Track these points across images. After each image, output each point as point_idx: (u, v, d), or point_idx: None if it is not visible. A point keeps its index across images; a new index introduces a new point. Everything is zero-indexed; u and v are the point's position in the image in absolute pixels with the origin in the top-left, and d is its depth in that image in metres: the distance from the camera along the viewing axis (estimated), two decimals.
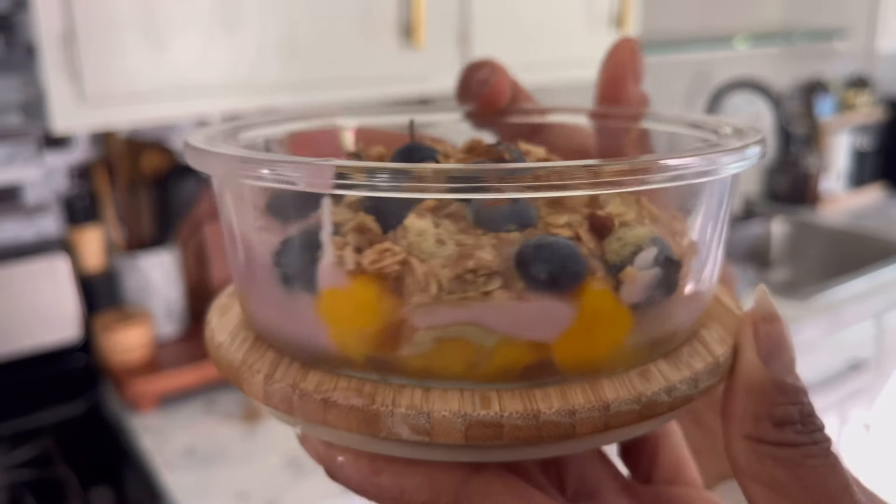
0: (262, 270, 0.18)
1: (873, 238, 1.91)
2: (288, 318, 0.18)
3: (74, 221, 1.19)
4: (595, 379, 0.17)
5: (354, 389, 0.17)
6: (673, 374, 0.18)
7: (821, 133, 2.18)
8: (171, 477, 0.97)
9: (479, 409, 0.16)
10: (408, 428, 0.16)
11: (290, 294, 0.17)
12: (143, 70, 0.94)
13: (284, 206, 0.18)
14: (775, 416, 0.18)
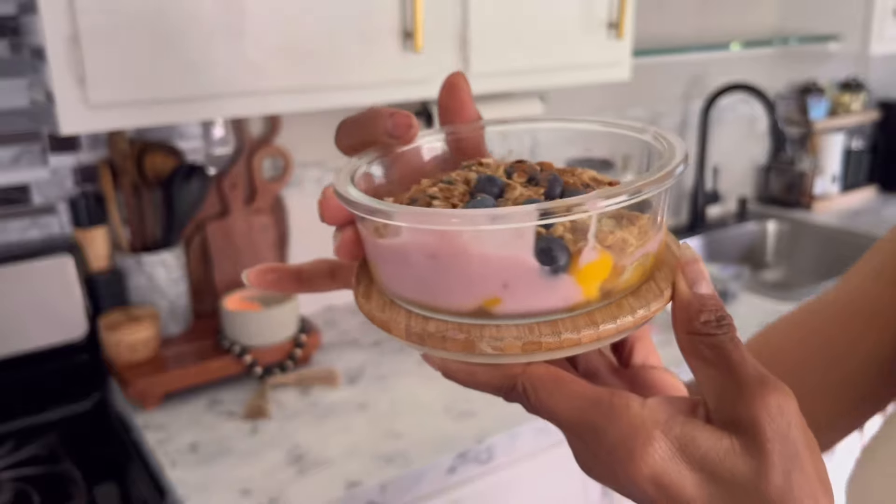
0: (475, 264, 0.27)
1: (866, 238, 1.93)
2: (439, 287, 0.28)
3: (80, 222, 1.20)
4: (590, 310, 0.28)
5: (458, 328, 0.28)
6: (635, 304, 0.28)
7: (814, 135, 2.20)
8: (175, 473, 0.98)
9: (528, 335, 0.27)
10: (490, 348, 0.27)
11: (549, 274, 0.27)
12: (148, 73, 0.95)
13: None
14: (700, 318, 0.28)
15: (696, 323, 0.28)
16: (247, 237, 1.35)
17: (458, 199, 0.28)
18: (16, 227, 1.19)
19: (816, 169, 2.19)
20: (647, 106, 1.95)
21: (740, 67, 2.08)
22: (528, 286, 0.26)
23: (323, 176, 1.46)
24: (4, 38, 1.13)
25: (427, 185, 0.31)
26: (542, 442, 1.10)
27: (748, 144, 2.22)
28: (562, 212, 0.25)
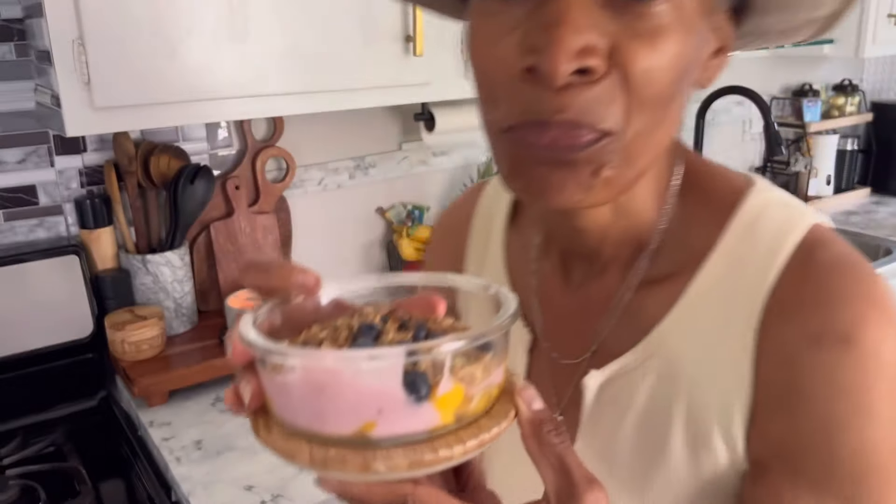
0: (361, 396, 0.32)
1: (860, 238, 1.95)
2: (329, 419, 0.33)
3: (86, 223, 1.22)
4: (457, 430, 0.33)
5: (354, 451, 0.32)
6: (490, 423, 0.34)
7: (809, 137, 2.23)
8: (179, 470, 0.99)
9: (412, 454, 0.32)
10: (383, 466, 0.31)
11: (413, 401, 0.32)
12: (153, 75, 0.97)
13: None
14: (544, 428, 0.34)
15: (542, 433, 0.34)
16: (250, 237, 1.37)
17: (343, 342, 0.34)
18: (23, 228, 1.21)
19: (810, 170, 2.21)
20: None
21: (735, 70, 2.10)
22: (397, 412, 0.32)
23: (325, 177, 1.48)
24: (10, 42, 1.14)
25: (317, 331, 0.36)
26: None
27: (743, 146, 2.25)
28: (424, 352, 0.31)
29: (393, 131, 1.55)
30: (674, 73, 0.36)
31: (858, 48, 1.97)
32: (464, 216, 0.59)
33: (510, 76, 0.36)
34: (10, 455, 1.07)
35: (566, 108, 0.35)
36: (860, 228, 2.02)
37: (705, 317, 0.44)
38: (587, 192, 0.38)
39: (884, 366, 0.39)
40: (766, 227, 0.43)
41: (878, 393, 0.39)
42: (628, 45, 0.35)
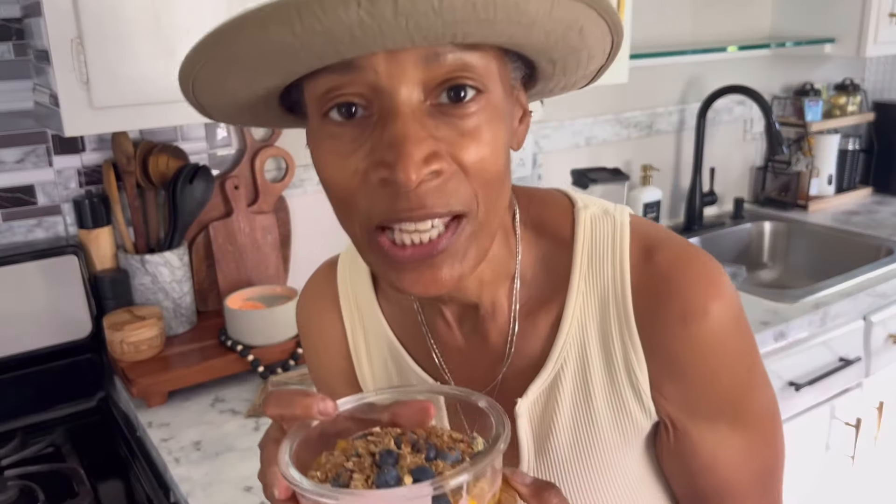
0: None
1: (862, 238, 1.95)
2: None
3: (85, 223, 1.21)
4: None
5: None
6: None
7: (810, 136, 2.22)
8: (178, 471, 0.99)
9: None
10: None
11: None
12: (151, 75, 0.96)
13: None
14: (542, 495, 0.43)
15: (545, 497, 0.42)
16: (250, 238, 1.37)
17: (370, 471, 0.41)
18: (21, 228, 1.21)
19: (812, 170, 2.20)
20: (644, 108, 1.97)
21: (737, 70, 2.10)
22: None
23: None
24: (9, 41, 1.14)
25: (340, 457, 0.42)
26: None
27: (744, 146, 2.24)
28: (446, 485, 0.38)
29: None
30: (499, 154, 0.45)
31: (860, 47, 1.96)
32: (330, 300, 0.63)
33: (366, 187, 0.44)
34: (8, 456, 1.07)
35: (423, 205, 0.43)
36: (861, 228, 2.02)
37: (590, 321, 0.54)
38: (458, 276, 0.46)
39: (727, 324, 0.53)
40: (602, 244, 0.54)
41: (729, 343, 0.53)
42: (459, 144, 0.43)
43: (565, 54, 0.47)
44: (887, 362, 1.71)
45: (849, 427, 1.64)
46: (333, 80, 0.43)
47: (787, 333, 1.44)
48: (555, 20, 0.42)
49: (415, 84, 0.42)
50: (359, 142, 0.43)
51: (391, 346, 0.61)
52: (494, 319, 0.56)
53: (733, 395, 0.54)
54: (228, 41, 0.41)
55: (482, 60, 0.43)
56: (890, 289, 1.64)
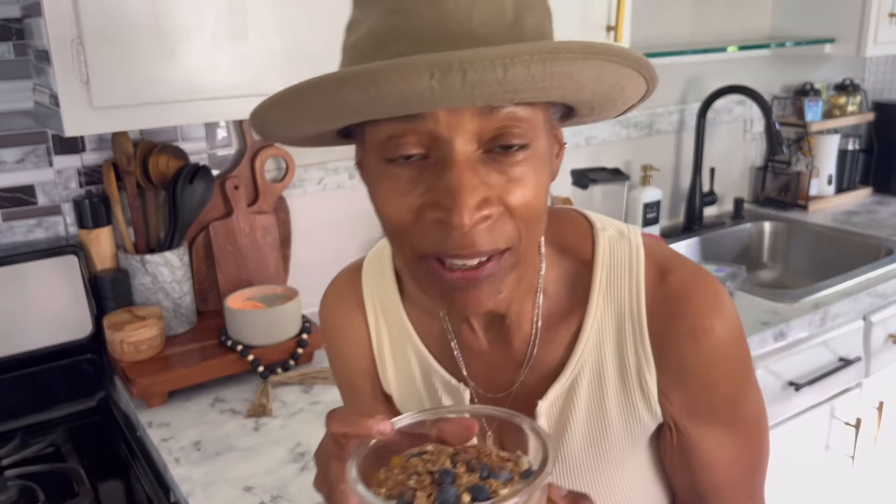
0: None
1: (862, 238, 1.95)
2: None
3: (85, 223, 1.21)
4: None
5: None
6: None
7: (810, 136, 2.22)
8: (178, 471, 0.99)
9: None
10: None
11: None
12: (152, 75, 0.96)
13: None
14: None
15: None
16: (250, 238, 1.37)
17: (430, 489, 0.44)
18: (21, 228, 1.21)
19: (812, 170, 2.20)
20: (644, 108, 1.97)
21: (736, 70, 2.10)
22: None
23: (325, 177, 1.48)
24: (9, 41, 1.14)
25: (400, 475, 0.45)
26: None
27: (744, 146, 2.24)
28: (506, 502, 0.42)
29: None
30: (541, 195, 0.50)
31: (860, 47, 1.96)
32: (355, 303, 0.68)
33: (420, 223, 0.49)
34: (8, 455, 1.07)
35: (473, 244, 0.48)
36: (861, 228, 2.02)
37: (608, 333, 0.60)
38: (497, 299, 0.52)
39: (728, 340, 0.59)
40: (620, 265, 0.60)
41: (731, 357, 0.60)
42: (507, 189, 0.48)
43: (605, 103, 0.52)
44: (887, 362, 1.71)
45: (849, 427, 1.64)
46: (396, 127, 0.47)
47: (786, 333, 1.44)
48: (602, 82, 0.48)
49: (470, 134, 0.47)
50: (416, 182, 0.48)
51: (416, 349, 0.65)
52: (519, 328, 0.61)
53: (730, 401, 0.61)
54: (305, 97, 0.46)
55: (531, 113, 0.48)
56: (890, 289, 1.64)
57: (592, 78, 0.46)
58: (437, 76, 0.41)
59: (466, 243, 0.48)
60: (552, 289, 0.61)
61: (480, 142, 0.47)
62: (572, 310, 0.61)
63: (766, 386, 1.44)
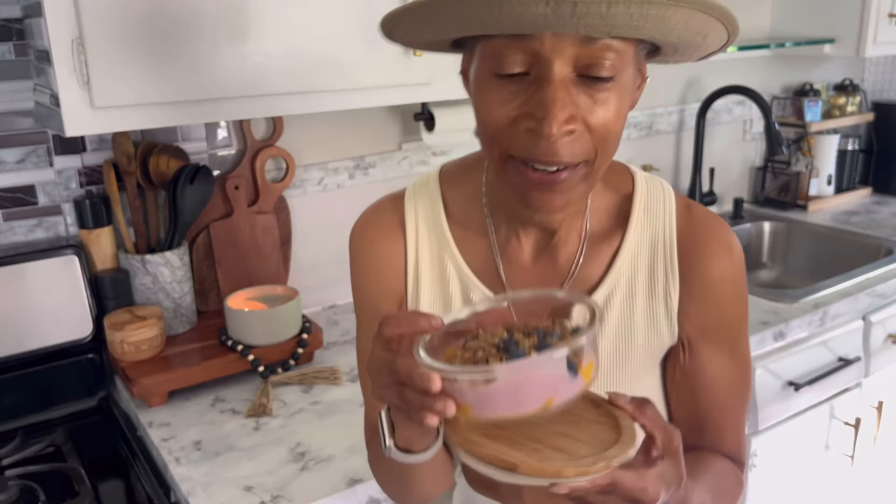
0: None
1: (861, 238, 1.95)
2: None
3: (85, 223, 1.22)
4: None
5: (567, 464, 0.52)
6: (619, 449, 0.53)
7: (810, 136, 2.23)
8: (179, 470, 0.99)
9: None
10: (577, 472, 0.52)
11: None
12: (152, 76, 0.97)
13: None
14: (652, 412, 0.55)
15: (645, 409, 0.56)
16: (250, 238, 1.37)
17: (497, 356, 0.52)
18: (22, 228, 1.21)
19: (811, 170, 2.21)
20: (644, 108, 1.97)
21: (736, 70, 2.10)
22: (565, 386, 0.51)
23: (325, 177, 1.48)
24: (9, 41, 1.14)
25: (465, 353, 0.54)
26: None
27: (744, 146, 2.25)
28: (573, 346, 0.51)
29: (393, 131, 1.55)
30: (619, 121, 0.59)
31: (859, 48, 1.97)
32: (395, 225, 0.72)
33: (513, 130, 0.57)
34: (9, 455, 1.07)
35: (556, 153, 0.56)
36: (861, 228, 2.02)
37: (642, 253, 0.69)
38: (567, 204, 0.61)
39: (740, 264, 0.70)
40: (654, 198, 0.70)
41: (739, 283, 0.70)
42: (592, 110, 0.57)
43: (688, 47, 0.60)
44: (886, 362, 1.71)
45: (848, 427, 1.65)
46: (508, 44, 0.55)
47: (786, 333, 1.44)
48: (688, 29, 0.55)
49: (568, 59, 0.54)
50: (515, 95, 0.56)
51: (457, 265, 0.70)
52: (566, 245, 0.69)
53: (734, 326, 0.72)
54: (437, 7, 0.55)
55: (623, 47, 0.56)
56: (889, 289, 1.64)
57: (681, 23, 0.54)
58: (551, 4, 0.50)
59: (551, 151, 0.56)
60: (597, 215, 0.69)
61: (576, 66, 0.55)
62: (613, 233, 0.69)
63: (765, 386, 1.44)
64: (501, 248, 0.70)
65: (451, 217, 0.72)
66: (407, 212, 0.72)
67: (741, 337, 0.72)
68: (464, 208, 0.71)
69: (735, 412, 0.73)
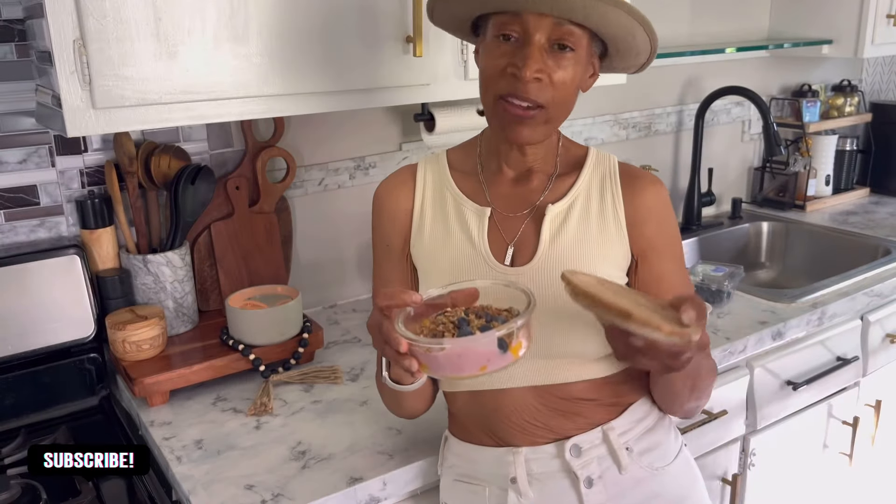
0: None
1: (859, 238, 1.96)
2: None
3: (87, 223, 1.22)
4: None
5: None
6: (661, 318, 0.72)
7: (808, 137, 2.23)
8: (180, 469, 1.00)
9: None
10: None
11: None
12: (153, 76, 0.97)
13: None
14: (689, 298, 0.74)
15: (688, 301, 0.73)
16: (251, 238, 1.37)
17: (453, 331, 0.72)
18: (24, 228, 1.21)
19: (810, 170, 2.21)
20: (643, 109, 1.98)
21: (735, 71, 2.11)
22: (496, 359, 0.71)
23: (326, 177, 1.48)
24: (11, 42, 1.14)
25: (431, 326, 0.75)
26: None
27: (742, 147, 2.25)
28: (505, 330, 0.71)
29: (393, 132, 1.55)
30: (572, 84, 0.84)
31: (857, 49, 1.97)
32: (410, 179, 0.96)
33: (502, 75, 0.83)
34: (11, 454, 1.08)
35: (528, 92, 0.81)
36: (859, 228, 2.03)
37: (594, 185, 0.92)
38: (534, 135, 0.86)
39: (667, 194, 0.93)
40: (601, 157, 0.95)
41: (670, 207, 0.93)
42: (554, 69, 0.82)
43: (625, 46, 0.86)
44: (884, 361, 1.72)
45: (846, 426, 1.65)
46: (507, 18, 0.82)
47: (784, 333, 1.44)
48: (621, 25, 0.82)
49: (544, 33, 0.81)
50: (507, 53, 0.82)
51: (453, 192, 0.94)
52: (538, 179, 0.93)
53: (674, 239, 0.93)
54: None
55: (581, 33, 0.82)
56: (887, 288, 1.65)
57: (615, 20, 0.81)
58: None
59: (525, 89, 0.81)
60: (562, 161, 0.94)
61: (549, 39, 0.81)
62: (572, 173, 0.94)
63: (763, 385, 1.45)
64: (488, 181, 0.94)
65: (452, 167, 0.96)
66: (419, 170, 0.97)
67: (679, 248, 0.94)
68: (462, 160, 0.97)
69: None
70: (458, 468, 0.94)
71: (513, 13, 0.81)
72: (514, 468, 0.88)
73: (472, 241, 0.90)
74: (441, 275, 0.89)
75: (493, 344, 0.70)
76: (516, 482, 0.88)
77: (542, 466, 0.88)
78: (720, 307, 1.49)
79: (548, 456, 0.88)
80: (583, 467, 0.88)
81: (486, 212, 0.91)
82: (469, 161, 0.96)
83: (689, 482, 0.96)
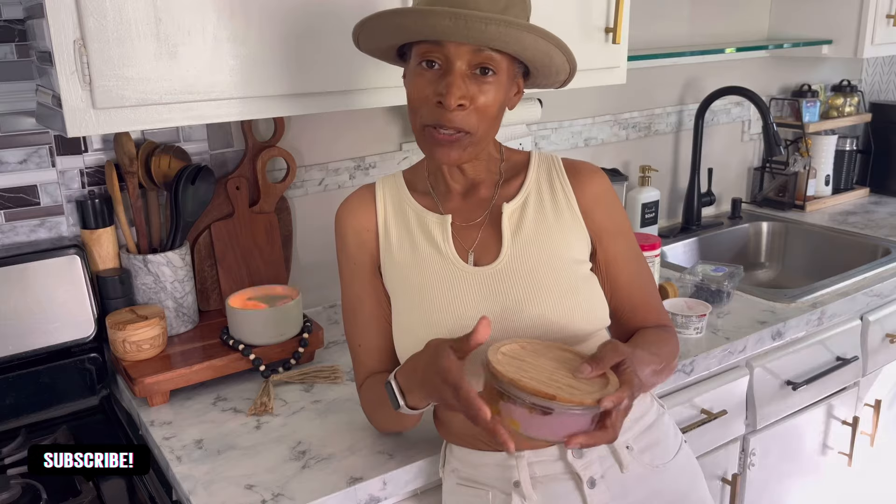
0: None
1: (859, 238, 1.96)
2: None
3: (88, 223, 1.22)
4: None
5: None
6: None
7: (807, 137, 2.23)
8: (180, 469, 1.00)
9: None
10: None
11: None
12: (154, 76, 0.97)
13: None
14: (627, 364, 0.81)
15: (626, 368, 0.81)
16: (251, 238, 1.38)
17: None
18: (24, 228, 1.21)
19: (809, 170, 2.21)
20: (643, 109, 1.98)
21: (734, 71, 2.11)
22: (583, 430, 0.76)
23: (326, 177, 1.49)
24: (12, 42, 1.15)
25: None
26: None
27: (742, 147, 2.25)
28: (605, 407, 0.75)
29: (393, 131, 1.56)
30: (495, 106, 0.87)
31: (857, 49, 1.98)
32: (370, 200, 0.98)
33: (428, 104, 0.85)
34: (11, 454, 1.08)
35: (452, 121, 0.85)
36: (859, 228, 2.03)
37: (542, 179, 0.97)
38: (463, 156, 0.88)
39: (609, 181, 0.99)
40: (543, 156, 1.00)
41: (613, 191, 0.98)
42: (477, 95, 0.85)
43: (544, 67, 0.89)
44: (884, 361, 1.72)
45: (846, 426, 1.65)
46: (429, 47, 0.84)
47: (784, 333, 1.45)
48: (537, 49, 0.85)
49: (465, 60, 0.83)
50: (432, 80, 0.85)
51: (414, 207, 0.97)
52: (486, 187, 0.97)
53: (622, 223, 0.98)
54: (386, 17, 0.85)
55: (501, 57, 0.85)
56: (886, 288, 1.65)
57: (532, 45, 0.84)
58: (451, 19, 0.79)
59: (449, 119, 0.84)
60: (507, 168, 0.98)
61: (469, 66, 0.84)
62: (519, 174, 0.98)
63: (763, 385, 1.45)
64: (440, 197, 0.97)
65: (410, 187, 0.99)
66: (377, 189, 0.99)
67: (628, 227, 0.99)
68: (415, 180, 1.00)
69: (651, 289, 1.01)
70: (461, 472, 0.94)
71: (434, 41, 0.83)
72: (518, 472, 0.88)
73: (439, 248, 0.93)
74: (411, 292, 0.93)
75: (589, 417, 0.74)
76: (520, 486, 0.88)
77: (544, 469, 0.89)
78: (720, 307, 1.49)
79: (550, 458, 0.89)
80: (585, 468, 0.88)
81: (447, 219, 0.94)
82: (420, 181, 0.99)
83: (690, 478, 0.97)
